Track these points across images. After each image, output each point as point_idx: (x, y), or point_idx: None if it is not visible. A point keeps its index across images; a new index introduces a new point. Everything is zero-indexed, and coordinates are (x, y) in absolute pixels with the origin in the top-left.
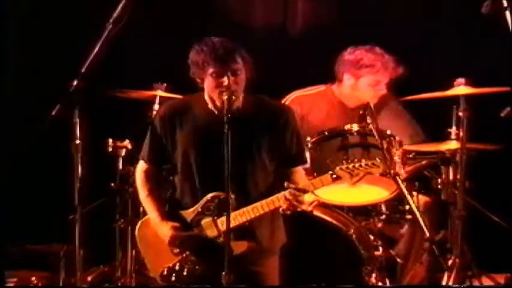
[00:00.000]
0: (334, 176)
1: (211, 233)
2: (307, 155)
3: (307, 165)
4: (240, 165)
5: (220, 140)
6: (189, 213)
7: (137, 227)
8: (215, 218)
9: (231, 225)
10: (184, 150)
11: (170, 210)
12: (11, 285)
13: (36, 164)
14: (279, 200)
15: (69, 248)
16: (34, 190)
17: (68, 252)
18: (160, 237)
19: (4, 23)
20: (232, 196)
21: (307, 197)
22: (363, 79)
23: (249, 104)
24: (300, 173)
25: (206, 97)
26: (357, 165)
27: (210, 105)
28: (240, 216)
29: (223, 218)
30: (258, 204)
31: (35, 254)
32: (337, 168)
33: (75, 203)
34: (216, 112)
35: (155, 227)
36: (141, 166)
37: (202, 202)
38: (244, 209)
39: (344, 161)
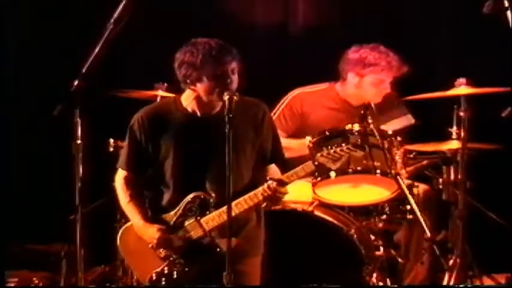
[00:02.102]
0: (316, 163)
1: (196, 233)
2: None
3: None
4: (224, 164)
5: (203, 141)
6: (171, 216)
7: (118, 236)
8: (198, 218)
9: (217, 223)
10: (167, 154)
11: (153, 215)
12: (12, 285)
13: (37, 164)
14: (260, 194)
15: (70, 248)
16: (35, 190)
17: (69, 252)
18: (144, 242)
19: (4, 23)
20: (213, 195)
21: (309, 197)
22: (367, 78)
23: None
24: (274, 170)
25: (185, 99)
26: (338, 149)
27: (192, 108)
28: (224, 214)
29: (207, 218)
30: (241, 199)
31: (36, 254)
32: (318, 155)
33: (76, 202)
34: (199, 114)
35: (139, 231)
36: (120, 174)
37: (183, 204)
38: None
39: (324, 148)
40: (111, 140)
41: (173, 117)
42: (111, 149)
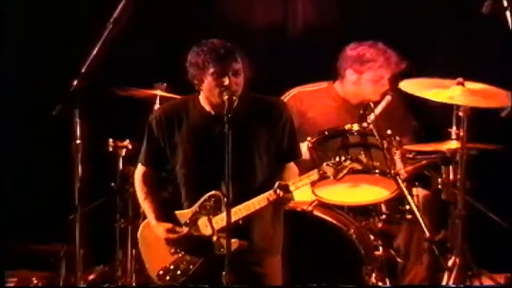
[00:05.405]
0: (321, 171)
1: (206, 232)
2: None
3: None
4: (239, 165)
5: (218, 140)
6: (187, 213)
7: (139, 229)
8: (210, 216)
9: (224, 224)
10: (183, 152)
11: (171, 211)
12: (11, 285)
13: (37, 164)
14: (266, 198)
15: (70, 247)
16: (34, 190)
17: (68, 252)
18: (160, 237)
19: (4, 22)
20: (230, 195)
21: (309, 197)
22: (365, 74)
23: (243, 103)
24: (291, 169)
25: (201, 98)
26: (342, 160)
27: (207, 107)
28: (232, 215)
29: (217, 217)
30: (249, 202)
31: (36, 254)
32: (324, 164)
33: (75, 202)
34: (213, 113)
35: (153, 228)
36: (139, 169)
37: (200, 201)
38: (237, 207)
39: (332, 157)
40: (111, 140)
41: (189, 116)
42: (111, 149)
